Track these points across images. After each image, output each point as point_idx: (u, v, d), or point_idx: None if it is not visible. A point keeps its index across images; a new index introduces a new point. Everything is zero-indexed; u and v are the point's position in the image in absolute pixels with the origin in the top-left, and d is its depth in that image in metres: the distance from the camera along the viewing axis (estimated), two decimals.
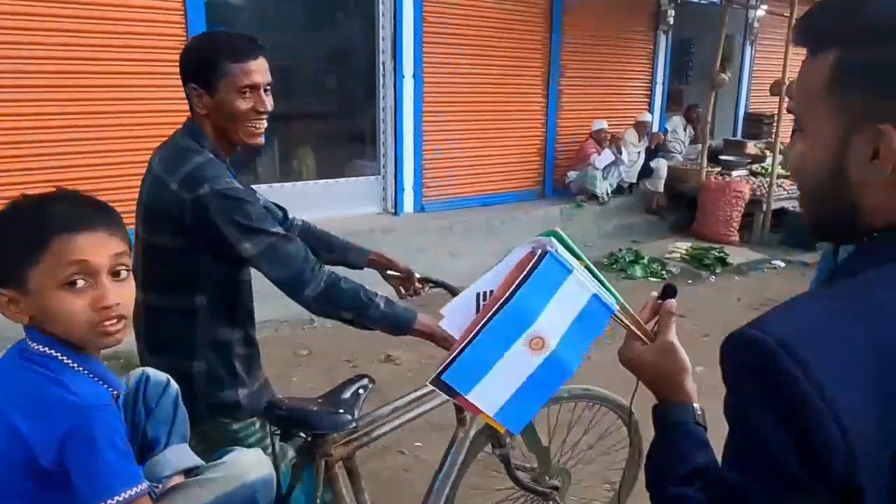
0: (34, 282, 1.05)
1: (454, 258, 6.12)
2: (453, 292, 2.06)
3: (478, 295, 1.07)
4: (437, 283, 2.26)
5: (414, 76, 6.44)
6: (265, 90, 1.63)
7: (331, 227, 2.95)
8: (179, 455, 1.33)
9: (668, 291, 1.01)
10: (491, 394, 0.92)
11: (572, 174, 7.63)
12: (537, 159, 7.73)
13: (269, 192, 5.95)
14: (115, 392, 1.16)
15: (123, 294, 1.10)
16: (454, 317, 1.07)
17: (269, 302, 2.10)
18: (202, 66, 1.57)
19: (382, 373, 4.24)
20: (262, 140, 1.67)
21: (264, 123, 1.64)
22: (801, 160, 0.76)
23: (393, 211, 6.64)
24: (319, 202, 6.18)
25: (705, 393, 1.01)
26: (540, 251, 0.93)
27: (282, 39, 6.43)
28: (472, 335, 0.92)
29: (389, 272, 2.19)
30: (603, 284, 0.96)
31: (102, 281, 1.07)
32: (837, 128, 0.71)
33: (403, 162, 6.56)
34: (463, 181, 7.08)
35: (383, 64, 6.39)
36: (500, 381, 0.91)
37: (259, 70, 1.60)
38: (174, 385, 1.42)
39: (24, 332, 1.13)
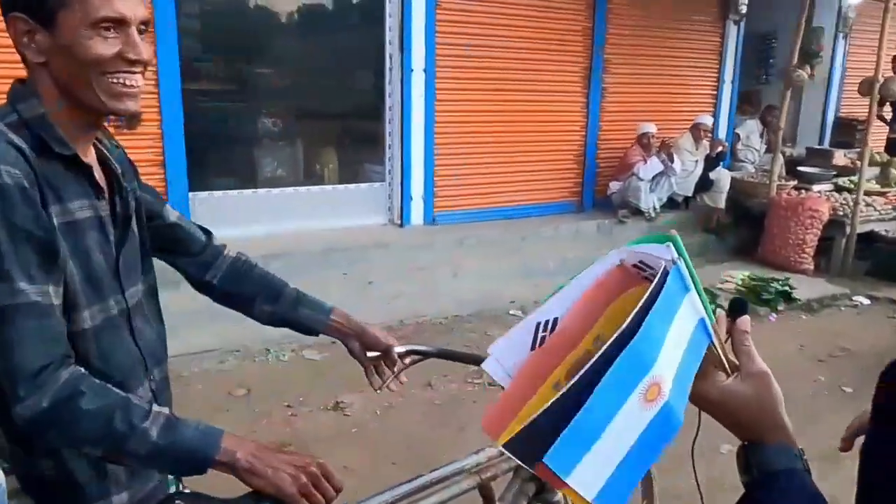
0: None
1: (455, 279, 5.31)
2: (455, 358, 1.60)
3: (538, 325, 0.81)
4: (429, 354, 1.59)
5: (425, 70, 5.67)
6: (140, 30, 1.07)
7: (319, 239, 2.35)
8: None
9: (738, 307, 0.82)
10: (593, 471, 0.66)
11: (614, 185, 6.64)
12: (575, 167, 6.78)
13: (254, 198, 5.36)
14: None
15: None
16: (504, 356, 0.81)
17: (214, 326, 1.47)
18: None
19: (326, 424, 3.51)
20: (135, 106, 1.08)
21: (139, 81, 1.07)
22: None
23: (399, 222, 5.89)
24: (315, 211, 5.53)
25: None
26: (664, 264, 0.71)
27: (277, 27, 5.84)
28: (577, 390, 0.66)
29: (361, 346, 1.50)
30: (702, 300, 0.74)
31: None
32: None
33: (411, 167, 5.81)
34: (483, 190, 6.25)
35: (390, 56, 5.66)
36: (606, 451, 0.66)
37: None
38: None
39: None
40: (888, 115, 7.69)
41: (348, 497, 1.19)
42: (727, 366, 0.78)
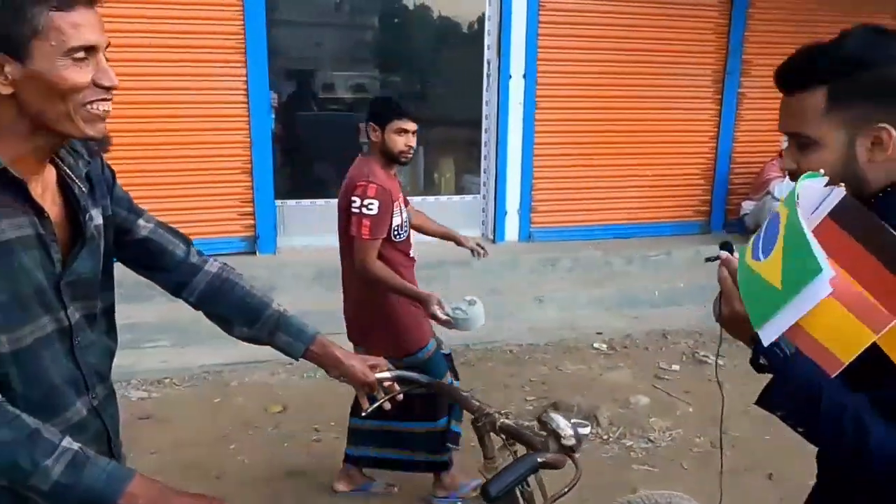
0: None
1: (539, 304, 4.86)
2: (446, 393, 1.58)
3: None
4: (420, 385, 1.62)
5: (525, 76, 5.28)
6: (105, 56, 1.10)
7: None
8: None
9: (726, 249, 1.11)
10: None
11: (748, 205, 5.77)
12: (701, 183, 5.99)
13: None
14: None
15: None
16: None
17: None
18: (4, 14, 1.01)
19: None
20: (104, 130, 1.10)
21: (110, 106, 1.09)
22: (822, 164, 1.02)
23: (492, 238, 5.55)
24: None
25: None
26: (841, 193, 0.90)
27: (367, 36, 5.77)
28: None
29: (343, 377, 1.50)
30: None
31: None
32: (843, 134, 1.03)
33: (506, 179, 5.44)
34: (588, 206, 5.71)
35: (488, 62, 5.34)
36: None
37: (95, 24, 1.06)
38: None
39: None
40: None
41: None
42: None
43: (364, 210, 2.52)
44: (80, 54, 1.03)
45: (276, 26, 4.87)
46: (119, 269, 1.34)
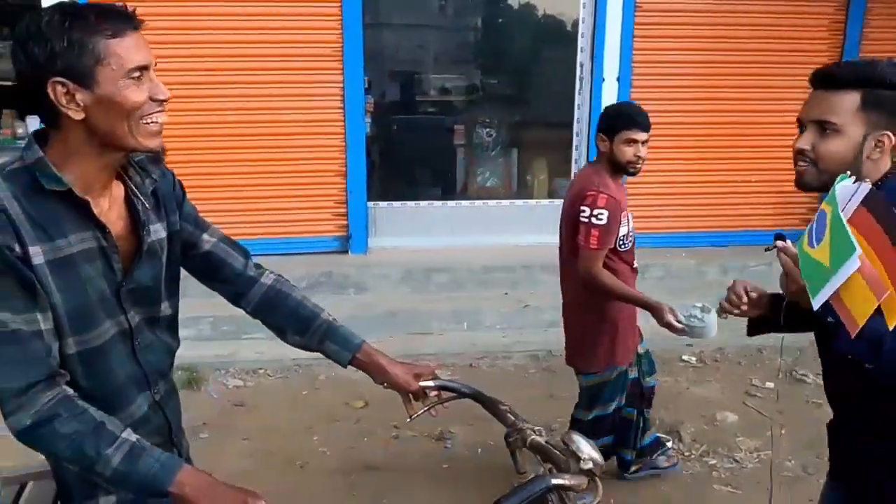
0: None
1: None
2: (486, 405, 1.50)
3: None
4: (462, 395, 1.58)
5: (619, 79, 5.17)
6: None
7: (487, 255, 2.36)
8: None
9: (780, 238, 1.34)
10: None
11: None
12: None
13: (429, 210, 5.43)
14: None
15: None
16: None
17: (364, 334, 1.63)
18: (70, 48, 1.11)
19: (421, 454, 3.37)
20: (161, 142, 1.23)
21: (165, 117, 1.22)
22: (837, 150, 1.40)
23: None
24: (492, 227, 5.41)
25: None
26: (866, 187, 1.15)
27: (460, 39, 5.82)
28: None
29: (387, 384, 1.58)
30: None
31: None
32: (862, 131, 1.38)
33: None
34: (681, 212, 5.51)
35: (581, 65, 5.27)
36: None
37: (143, 46, 1.19)
38: None
39: None
40: None
41: None
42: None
43: (594, 220, 2.54)
44: (137, 74, 1.14)
45: (372, 31, 5.04)
46: None
